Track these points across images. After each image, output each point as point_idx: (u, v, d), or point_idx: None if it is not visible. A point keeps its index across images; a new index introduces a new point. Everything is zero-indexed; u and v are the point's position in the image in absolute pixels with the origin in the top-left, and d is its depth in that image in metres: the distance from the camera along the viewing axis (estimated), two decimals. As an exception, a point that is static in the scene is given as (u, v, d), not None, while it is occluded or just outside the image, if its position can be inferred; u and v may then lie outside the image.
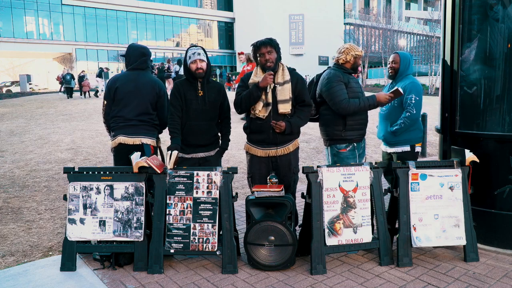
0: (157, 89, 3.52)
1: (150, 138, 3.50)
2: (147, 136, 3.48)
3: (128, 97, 3.44)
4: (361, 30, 42.31)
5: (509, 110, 3.28)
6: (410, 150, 3.55)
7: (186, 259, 3.24)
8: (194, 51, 3.29)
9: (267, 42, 3.18)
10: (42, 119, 11.49)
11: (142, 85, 3.47)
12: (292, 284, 2.80)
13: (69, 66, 32.50)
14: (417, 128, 3.57)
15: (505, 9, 3.25)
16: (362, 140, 3.54)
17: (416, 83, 3.56)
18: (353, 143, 3.45)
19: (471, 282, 2.78)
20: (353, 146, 3.45)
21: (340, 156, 3.45)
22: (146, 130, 3.49)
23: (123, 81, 3.50)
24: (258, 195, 3.02)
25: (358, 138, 3.47)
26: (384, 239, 3.08)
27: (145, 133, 3.48)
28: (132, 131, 3.44)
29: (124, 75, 3.58)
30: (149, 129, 3.51)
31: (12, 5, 32.80)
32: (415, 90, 3.49)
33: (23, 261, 3.31)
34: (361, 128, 3.49)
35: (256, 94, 3.15)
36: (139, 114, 3.46)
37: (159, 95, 3.53)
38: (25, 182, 5.62)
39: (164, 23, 41.52)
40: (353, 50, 3.47)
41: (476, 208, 3.32)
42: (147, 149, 3.45)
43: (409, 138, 3.55)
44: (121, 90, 3.46)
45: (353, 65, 3.52)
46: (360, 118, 3.46)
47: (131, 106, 3.44)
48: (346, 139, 3.43)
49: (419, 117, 3.55)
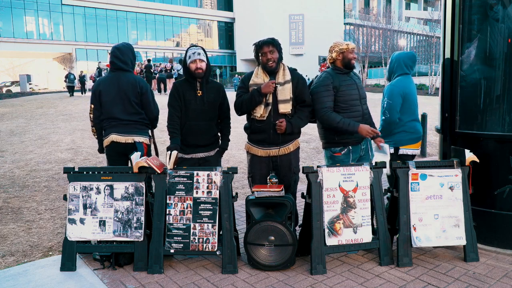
0: (138, 88, 3.51)
1: (143, 136, 3.55)
2: (139, 134, 3.52)
3: (113, 99, 3.48)
4: (361, 30, 42.28)
5: (509, 110, 3.27)
6: (394, 151, 3.61)
7: (186, 259, 3.24)
8: (194, 51, 3.29)
9: (270, 41, 3.18)
10: (42, 119, 11.49)
11: (124, 86, 3.49)
12: (292, 284, 2.80)
13: (69, 66, 32.48)
14: (403, 130, 3.59)
15: (505, 9, 3.25)
16: (362, 143, 3.43)
17: (393, 86, 3.58)
18: (349, 146, 3.37)
19: (471, 282, 2.78)
20: (349, 149, 3.38)
21: (335, 160, 3.40)
22: (137, 129, 3.53)
23: (105, 84, 3.54)
24: (258, 195, 3.02)
25: (354, 142, 3.38)
26: (384, 239, 3.08)
27: (137, 132, 3.52)
28: (124, 130, 3.49)
29: (106, 78, 3.64)
30: (141, 127, 3.55)
31: (12, 5, 32.79)
32: (389, 94, 3.56)
33: (23, 261, 3.31)
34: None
35: (258, 99, 3.15)
36: (130, 114, 3.50)
37: (141, 92, 3.53)
38: (25, 182, 5.62)
39: (164, 23, 41.51)
40: (337, 46, 3.35)
41: (476, 208, 3.32)
42: (139, 147, 3.49)
43: (392, 140, 3.62)
44: (105, 94, 3.50)
45: (343, 61, 3.33)
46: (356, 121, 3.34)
47: (120, 108, 3.48)
48: (340, 142, 3.36)
49: (396, 120, 3.56)
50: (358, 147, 3.42)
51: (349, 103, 3.31)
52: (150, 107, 3.58)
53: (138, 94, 3.51)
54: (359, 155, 3.46)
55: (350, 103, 3.31)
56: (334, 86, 3.29)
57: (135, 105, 3.50)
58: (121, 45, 3.60)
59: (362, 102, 3.40)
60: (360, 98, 3.38)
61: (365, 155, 3.49)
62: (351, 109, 3.31)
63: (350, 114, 3.30)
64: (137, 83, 3.53)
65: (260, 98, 3.14)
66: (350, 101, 3.32)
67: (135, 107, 3.51)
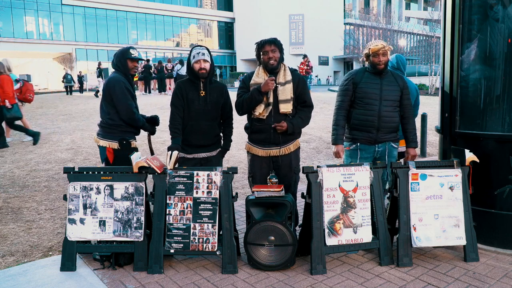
0: (109, 88, 3.49)
1: (107, 140, 3.51)
2: (105, 138, 3.53)
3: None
4: (361, 30, 42.28)
5: (509, 110, 3.27)
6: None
7: (186, 259, 3.24)
8: (198, 51, 3.29)
9: (272, 41, 3.20)
10: (42, 119, 11.48)
11: (104, 85, 3.58)
12: (292, 284, 2.80)
13: (69, 66, 32.48)
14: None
15: (505, 9, 3.25)
16: (379, 145, 3.41)
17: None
18: (357, 143, 3.43)
19: (471, 282, 2.78)
20: (357, 146, 3.43)
21: (345, 154, 3.52)
22: (104, 132, 3.55)
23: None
24: (258, 195, 3.02)
25: (364, 140, 3.40)
26: (384, 239, 3.08)
27: (103, 135, 3.54)
28: (98, 132, 3.60)
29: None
30: (108, 131, 3.53)
31: (12, 5, 32.79)
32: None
33: (23, 261, 3.30)
34: (367, 130, 3.38)
35: (258, 98, 3.15)
36: (102, 114, 3.58)
37: (111, 92, 3.48)
38: (25, 182, 5.62)
39: (164, 23, 41.51)
40: (368, 46, 3.44)
41: (476, 208, 3.32)
42: (101, 151, 3.54)
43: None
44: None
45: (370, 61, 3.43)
46: (365, 119, 3.37)
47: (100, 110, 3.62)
48: (350, 137, 3.48)
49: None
50: (371, 148, 3.42)
51: (365, 100, 3.37)
52: (120, 104, 3.46)
53: (109, 94, 3.48)
54: (373, 156, 3.45)
55: (366, 101, 3.37)
56: (354, 82, 3.41)
57: (104, 104, 3.54)
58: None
59: (383, 104, 3.36)
60: (381, 99, 3.36)
61: (380, 158, 3.45)
62: (366, 107, 3.37)
63: (365, 112, 3.38)
64: (109, 82, 3.53)
65: (260, 97, 3.15)
66: (367, 99, 3.37)
67: (103, 107, 3.54)
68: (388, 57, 3.38)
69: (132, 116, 3.49)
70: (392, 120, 3.40)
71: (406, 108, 3.47)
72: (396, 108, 3.43)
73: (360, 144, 3.43)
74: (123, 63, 3.53)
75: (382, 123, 3.36)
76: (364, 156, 3.44)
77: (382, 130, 3.38)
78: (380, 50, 3.31)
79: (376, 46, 3.33)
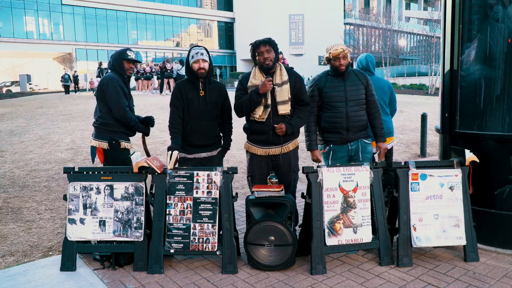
0: (102, 86, 3.49)
1: (98, 140, 3.51)
2: (96, 138, 3.52)
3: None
4: (361, 30, 42.30)
5: (509, 110, 3.27)
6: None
7: (186, 259, 3.24)
8: (197, 51, 3.29)
9: (267, 41, 3.19)
10: (42, 119, 11.48)
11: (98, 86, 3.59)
12: (292, 284, 2.80)
13: (69, 66, 32.49)
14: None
15: (505, 9, 3.25)
16: (352, 143, 3.43)
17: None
18: (330, 145, 3.45)
19: (471, 282, 2.78)
20: (330, 148, 3.45)
21: (322, 157, 3.54)
22: (96, 132, 3.55)
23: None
24: (258, 195, 3.02)
25: (337, 141, 3.42)
26: (384, 239, 3.08)
27: (96, 135, 3.54)
28: (92, 132, 3.60)
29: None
30: (99, 131, 3.52)
31: (12, 5, 32.79)
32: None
33: (23, 261, 3.30)
34: (338, 132, 3.40)
35: (257, 100, 3.15)
36: (94, 116, 3.60)
37: (104, 90, 3.46)
38: (25, 182, 5.62)
39: (164, 23, 41.51)
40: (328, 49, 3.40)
41: (476, 208, 3.32)
42: (92, 151, 3.54)
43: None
44: None
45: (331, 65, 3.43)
46: (334, 121, 3.38)
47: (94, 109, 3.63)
48: (322, 140, 3.52)
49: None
50: (344, 147, 3.45)
51: (331, 104, 3.41)
52: (112, 103, 3.42)
53: (103, 93, 3.47)
54: (348, 154, 3.47)
55: (333, 104, 3.40)
56: (318, 87, 3.45)
57: (97, 103, 3.55)
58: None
59: (349, 105, 3.38)
60: (347, 100, 3.39)
61: (355, 155, 3.47)
62: (333, 110, 3.41)
63: (333, 114, 3.40)
64: (103, 78, 3.56)
65: (259, 99, 3.14)
66: (333, 103, 3.40)
67: (101, 108, 3.53)
68: (349, 59, 3.41)
69: (124, 114, 3.44)
70: (360, 119, 3.45)
71: (371, 104, 3.49)
72: (363, 106, 3.47)
73: (333, 145, 3.45)
74: (119, 64, 3.53)
75: (351, 123, 3.39)
76: (339, 156, 3.46)
77: (351, 130, 3.41)
78: (340, 54, 3.33)
79: (336, 50, 3.34)
